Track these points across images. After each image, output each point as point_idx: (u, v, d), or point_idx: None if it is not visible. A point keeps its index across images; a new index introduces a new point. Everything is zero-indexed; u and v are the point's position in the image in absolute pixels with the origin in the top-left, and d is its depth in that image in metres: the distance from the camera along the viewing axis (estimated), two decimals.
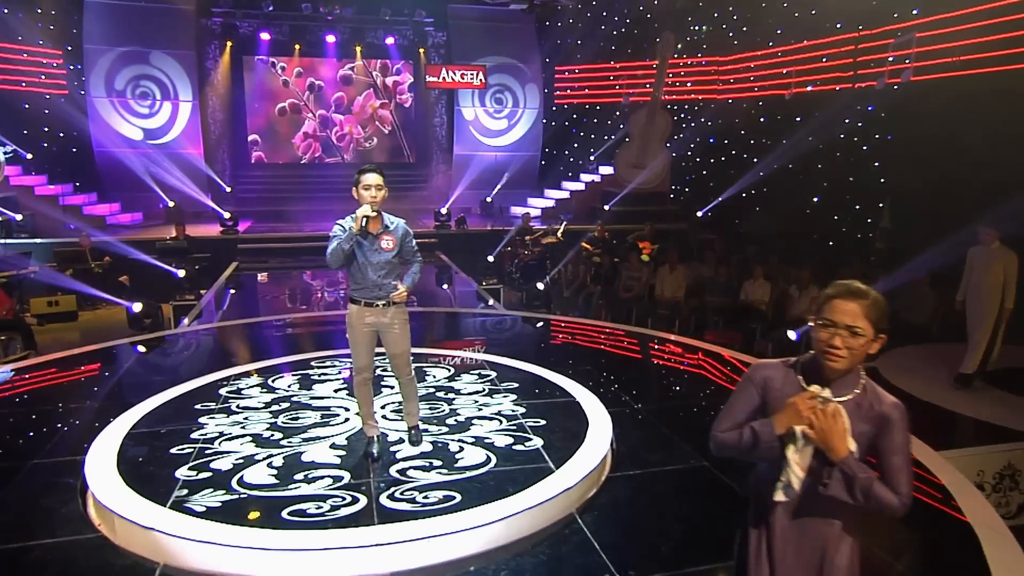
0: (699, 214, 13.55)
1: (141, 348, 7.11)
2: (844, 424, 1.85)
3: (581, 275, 10.17)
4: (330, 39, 16.33)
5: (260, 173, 17.06)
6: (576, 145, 16.78)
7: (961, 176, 8.48)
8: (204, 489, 3.79)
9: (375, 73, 17.39)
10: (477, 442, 4.48)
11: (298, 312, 9.29)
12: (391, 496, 3.77)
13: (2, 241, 11.29)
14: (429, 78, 15.56)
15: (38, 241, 11.48)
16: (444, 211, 14.35)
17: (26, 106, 13.38)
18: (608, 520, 3.80)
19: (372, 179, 3.85)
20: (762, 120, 12.90)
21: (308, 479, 3.95)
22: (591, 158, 16.46)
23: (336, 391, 5.44)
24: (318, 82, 17.12)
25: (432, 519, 3.53)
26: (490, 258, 11.16)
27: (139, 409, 4.98)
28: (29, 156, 13.35)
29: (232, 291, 10.76)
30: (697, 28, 14.49)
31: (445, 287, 11.10)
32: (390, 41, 16.63)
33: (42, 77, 13.68)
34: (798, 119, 11.49)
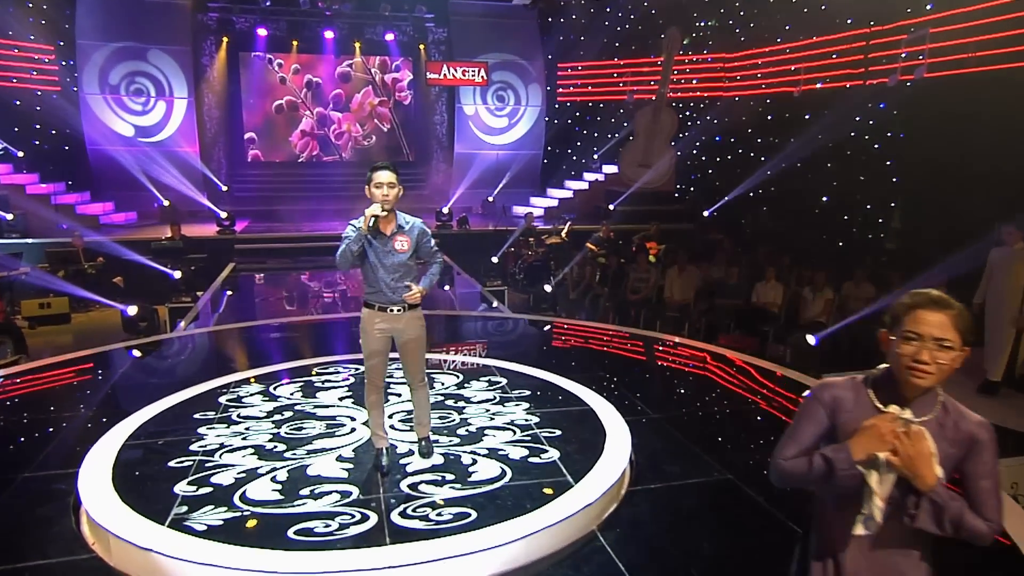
0: (705, 214, 13.38)
1: (136, 352, 6.94)
2: (931, 448, 1.70)
3: (587, 276, 9.98)
4: (328, 35, 16.11)
5: (257, 172, 16.83)
6: (579, 143, 16.57)
7: (976, 176, 8.33)
8: (205, 506, 3.62)
9: (374, 70, 17.16)
10: (491, 454, 4.30)
11: (298, 315, 9.12)
12: (403, 513, 3.60)
13: None
14: (430, 75, 15.36)
15: (29, 241, 11.26)
16: (446, 211, 14.15)
17: (17, 103, 13.16)
18: (632, 538, 3.64)
19: (384, 176, 3.66)
20: (770, 118, 12.72)
21: (314, 495, 3.78)
22: (595, 157, 16.26)
23: (341, 399, 5.26)
24: (316, 79, 16.89)
25: (447, 538, 3.36)
26: (494, 259, 10.97)
27: (135, 418, 4.80)
28: (20, 154, 13.13)
29: (229, 293, 10.58)
30: (703, 24, 14.31)
31: (447, 288, 10.91)
32: (390, 37, 16.42)
33: (34, 73, 13.47)
34: (807, 117, 11.34)
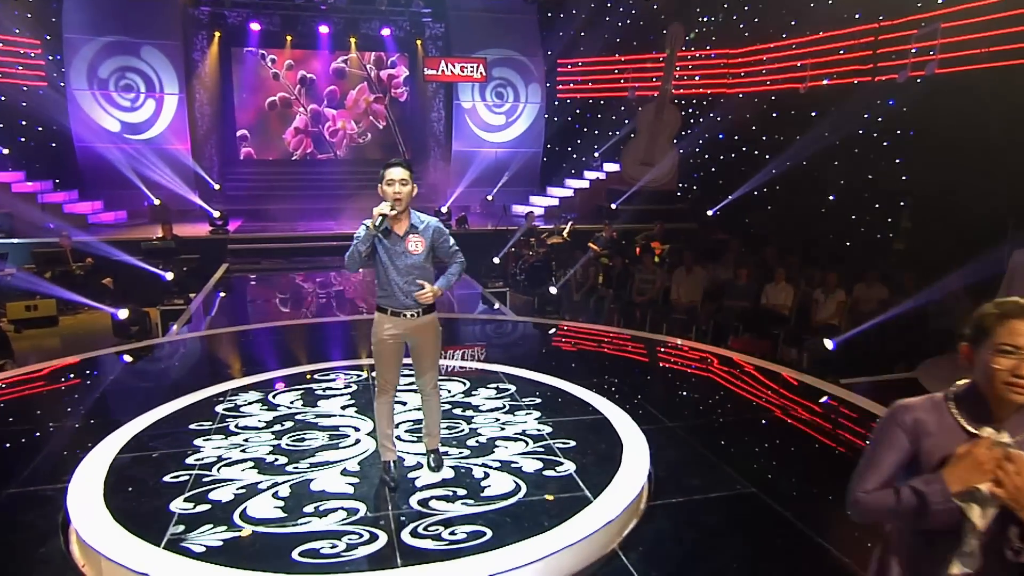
0: (709, 213, 13.19)
1: (128, 358, 6.68)
2: None
3: (591, 277, 9.76)
4: (323, 30, 15.76)
5: (249, 170, 16.49)
6: (580, 141, 16.31)
7: (989, 174, 8.17)
8: (203, 525, 3.42)
9: (369, 66, 16.86)
10: (503, 467, 4.08)
11: (295, 318, 8.87)
12: (413, 532, 3.40)
13: None
14: (427, 71, 15.09)
15: (15, 241, 10.93)
16: (444, 210, 13.89)
17: (2, 98, 12.81)
18: (655, 557, 3.45)
19: (394, 173, 3.53)
20: (774, 115, 12.53)
21: (319, 512, 3.56)
22: (595, 155, 16.02)
23: (343, 408, 5.03)
24: (310, 75, 16.58)
25: (462, 559, 3.17)
26: (496, 259, 10.73)
27: (128, 428, 4.57)
28: (5, 151, 12.81)
29: (222, 295, 10.30)
30: (706, 19, 14.10)
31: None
32: (386, 33, 16.09)
33: (19, 68, 13.09)
34: (813, 114, 11.16)
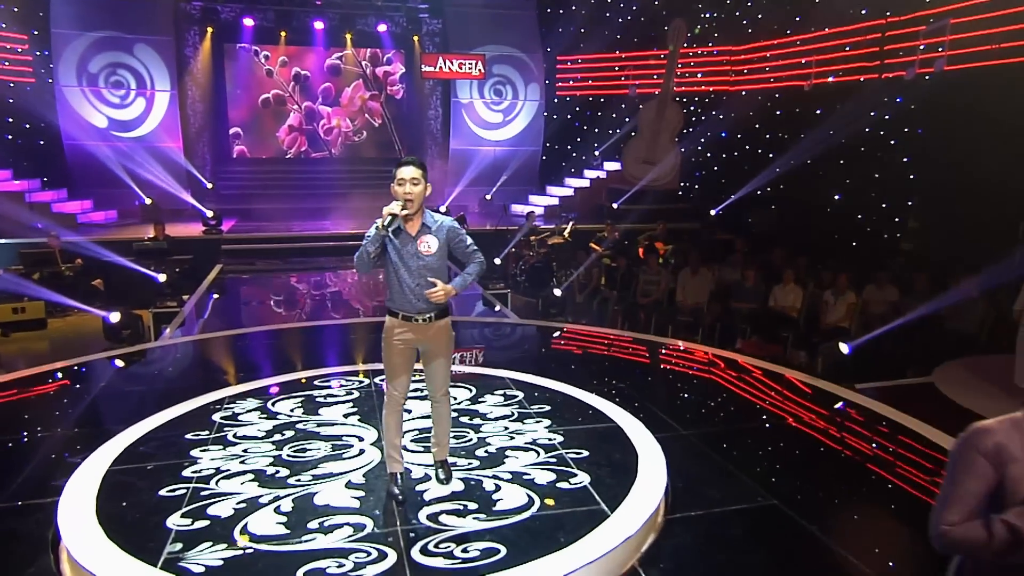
0: (712, 213, 13.06)
1: (120, 363, 6.46)
2: None
3: (594, 278, 9.58)
4: (318, 26, 15.52)
5: (243, 168, 16.22)
6: (580, 140, 16.15)
7: (998, 173, 8.06)
8: (202, 543, 3.24)
9: (364, 63, 16.63)
10: (515, 479, 3.91)
11: (293, 321, 8.67)
12: (424, 549, 3.22)
13: None
14: (425, 68, 14.88)
15: (2, 242, 10.68)
16: (443, 209, 13.69)
17: None
18: (677, 574, 3.31)
19: (405, 172, 3.38)
20: (778, 113, 12.42)
21: (324, 528, 3.38)
22: (595, 153, 15.86)
23: (346, 416, 4.83)
24: (304, 72, 16.32)
25: None
26: (497, 260, 10.54)
27: (121, 439, 4.37)
28: None
29: (216, 296, 10.06)
30: (709, 15, 13.96)
31: None
32: (382, 29, 15.85)
33: (6, 63, 12.85)
34: (818, 112, 11.03)
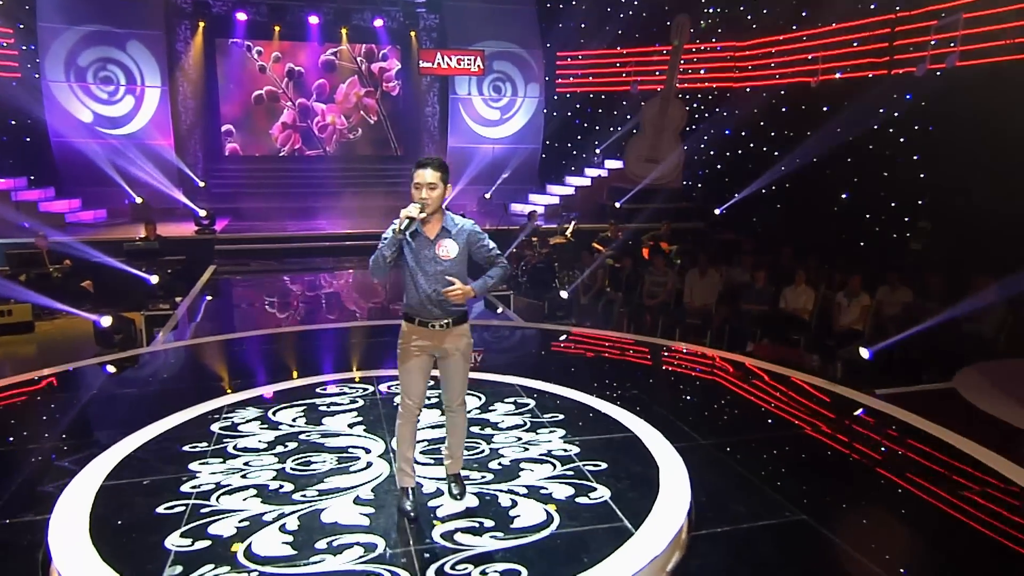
0: (716, 212, 12.86)
1: (112, 369, 6.19)
2: None
3: (599, 280, 9.35)
4: (313, 20, 15.16)
5: (235, 166, 15.87)
6: (580, 137, 15.90)
7: (1011, 172, 7.89)
8: (203, 565, 3.03)
9: (359, 59, 16.32)
10: (531, 493, 3.69)
11: (290, 324, 8.40)
12: (440, 572, 3.03)
13: None
14: (423, 63, 14.59)
15: None
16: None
17: None
18: None
19: (423, 176, 3.21)
20: (784, 110, 12.22)
21: (333, 548, 3.17)
22: (596, 151, 15.61)
23: (351, 426, 4.59)
24: (298, 68, 15.99)
25: None
26: None
27: (115, 451, 4.14)
28: None
29: (210, 298, 9.78)
30: (712, 11, 13.74)
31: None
32: (378, 24, 15.52)
33: None
34: (825, 109, 10.84)
